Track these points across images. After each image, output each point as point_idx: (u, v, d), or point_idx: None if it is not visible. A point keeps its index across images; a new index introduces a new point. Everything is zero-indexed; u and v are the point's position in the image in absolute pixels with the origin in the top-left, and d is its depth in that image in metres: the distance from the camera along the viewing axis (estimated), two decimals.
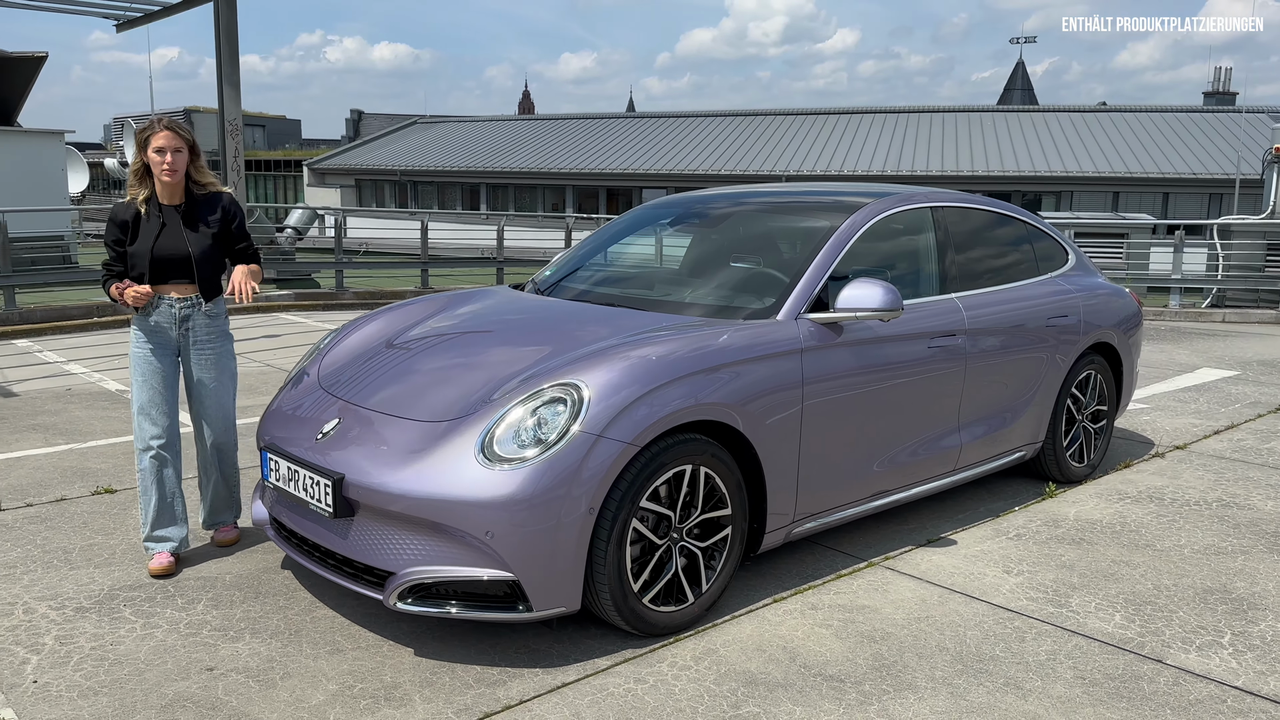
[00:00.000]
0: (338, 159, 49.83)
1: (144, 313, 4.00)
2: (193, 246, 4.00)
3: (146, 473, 4.04)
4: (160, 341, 4.03)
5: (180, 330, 4.04)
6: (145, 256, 3.95)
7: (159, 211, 4.00)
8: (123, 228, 4.00)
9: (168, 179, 3.94)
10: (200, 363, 4.10)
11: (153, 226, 3.98)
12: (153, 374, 4.02)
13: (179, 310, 4.03)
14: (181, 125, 3.95)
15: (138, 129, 3.97)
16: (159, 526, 4.06)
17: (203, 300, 4.07)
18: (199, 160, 4.07)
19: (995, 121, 41.01)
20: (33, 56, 16.00)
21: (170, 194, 4.02)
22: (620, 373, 3.34)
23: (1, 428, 6.33)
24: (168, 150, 3.90)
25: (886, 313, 3.85)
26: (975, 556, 4.28)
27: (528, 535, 3.13)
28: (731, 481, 3.60)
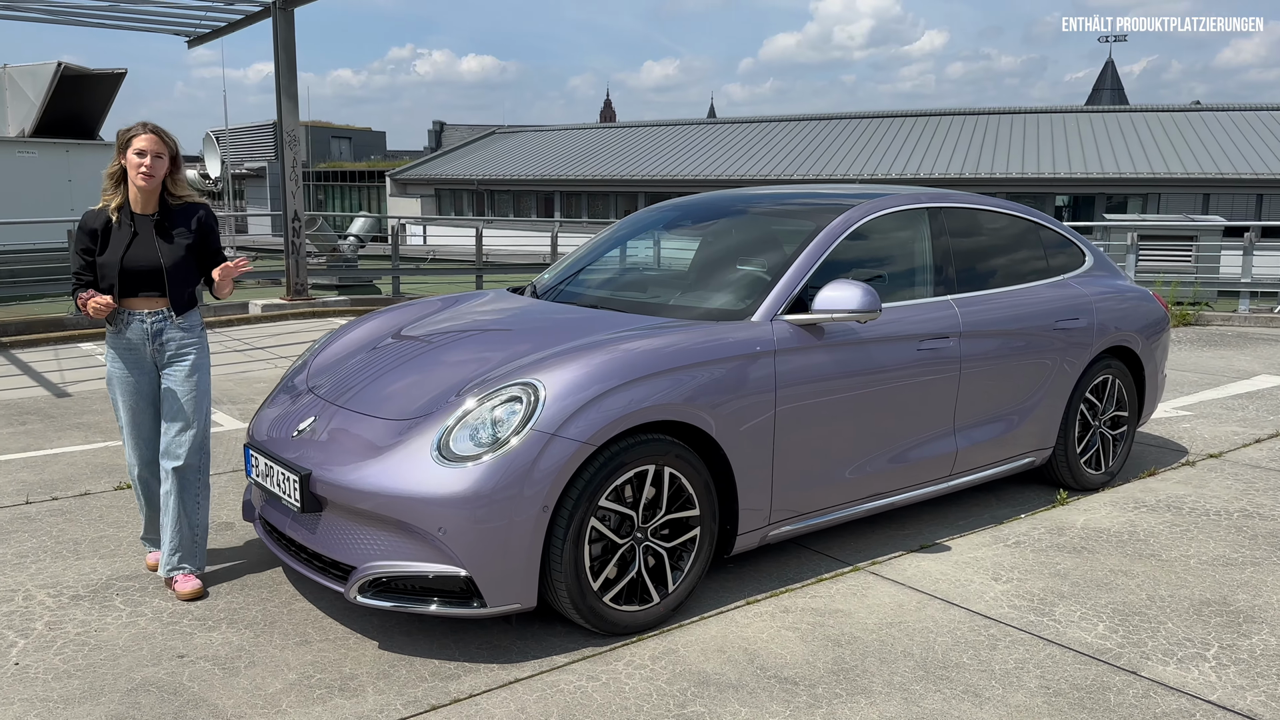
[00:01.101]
0: (418, 169, 50.85)
1: (116, 329, 3.84)
2: (165, 257, 3.80)
3: (137, 487, 4.06)
4: (134, 359, 3.87)
5: (154, 345, 3.86)
6: (115, 267, 3.76)
7: (131, 220, 3.80)
8: (92, 236, 3.80)
9: (142, 183, 3.75)
10: (172, 377, 3.89)
11: (123, 235, 3.78)
12: (130, 393, 3.89)
13: (150, 325, 3.84)
14: (166, 133, 3.81)
15: (120, 130, 3.83)
16: (151, 532, 4.13)
17: (174, 314, 3.87)
18: (179, 173, 3.88)
19: (1080, 122, 39.96)
20: (112, 73, 16.74)
21: (144, 202, 3.82)
22: (578, 373, 3.37)
23: (49, 426, 6.63)
24: (148, 154, 3.73)
25: (864, 314, 3.81)
26: (966, 563, 4.19)
27: (480, 532, 3.18)
28: (699, 482, 3.59)
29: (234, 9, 12.13)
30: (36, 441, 6.20)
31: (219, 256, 3.98)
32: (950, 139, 39.47)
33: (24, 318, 11.05)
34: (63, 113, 16.24)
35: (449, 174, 48.45)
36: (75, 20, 12.63)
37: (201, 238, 3.91)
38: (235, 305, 12.48)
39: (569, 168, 44.78)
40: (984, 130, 40.04)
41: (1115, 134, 38.11)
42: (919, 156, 37.88)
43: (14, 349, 10.05)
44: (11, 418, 6.84)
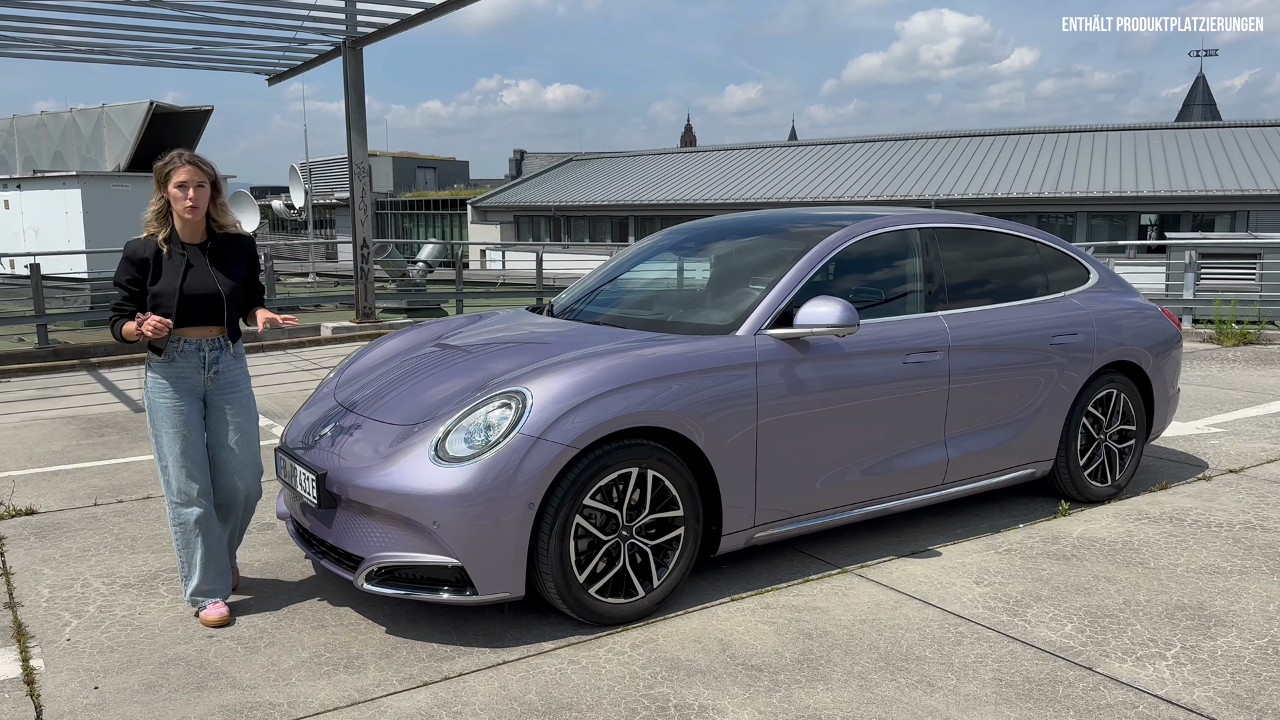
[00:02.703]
0: (498, 197, 52.05)
1: (167, 357, 3.75)
2: (222, 286, 3.79)
3: (189, 528, 3.80)
4: (186, 388, 3.78)
5: (208, 374, 3.81)
6: (173, 295, 3.69)
7: (182, 249, 3.76)
8: (141, 266, 3.72)
9: (189, 216, 3.70)
10: (230, 409, 3.86)
11: (177, 264, 3.73)
12: (183, 423, 3.76)
13: (207, 353, 3.80)
14: (203, 160, 3.73)
15: (157, 163, 3.76)
16: (208, 580, 3.86)
17: (229, 342, 3.87)
18: (220, 198, 3.83)
19: (1166, 139, 39.07)
20: (200, 111, 17.75)
21: (191, 232, 3.79)
22: (564, 382, 3.68)
23: (124, 438, 7.19)
24: (190, 185, 3.67)
25: (842, 328, 4.04)
26: (953, 568, 4.37)
27: (471, 526, 3.50)
28: (682, 485, 3.86)
29: (307, 49, 12.84)
30: (111, 451, 6.75)
31: (259, 289, 4.04)
32: (1032, 158, 38.96)
33: (111, 340, 11.82)
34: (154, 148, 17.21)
35: (527, 201, 49.49)
36: (164, 63, 13.52)
37: (249, 268, 3.93)
38: (308, 328, 13.14)
39: (644, 193, 45.36)
40: (1069, 148, 39.43)
41: (1203, 150, 37.18)
42: (999, 176, 37.48)
43: (102, 369, 10.79)
44: (92, 430, 7.43)
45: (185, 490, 3.79)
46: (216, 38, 12.15)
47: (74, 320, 12.96)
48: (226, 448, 3.90)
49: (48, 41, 12.29)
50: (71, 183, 16.41)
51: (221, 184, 3.89)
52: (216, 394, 3.86)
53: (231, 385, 3.89)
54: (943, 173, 38.97)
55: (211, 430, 3.89)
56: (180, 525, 3.82)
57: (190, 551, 3.84)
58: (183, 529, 3.82)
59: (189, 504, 3.81)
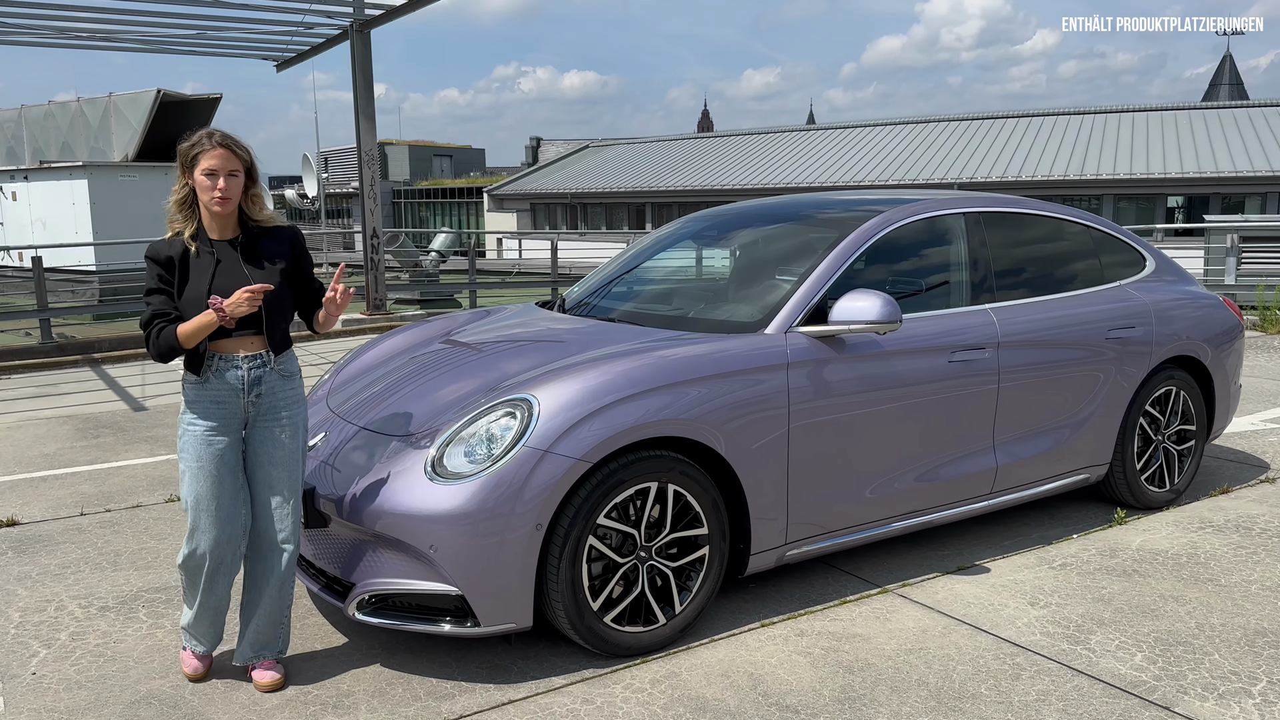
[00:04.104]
0: (515, 185, 51.64)
1: (201, 379, 3.11)
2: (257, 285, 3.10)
3: (193, 573, 3.21)
4: (223, 415, 3.13)
5: (249, 397, 3.15)
6: (199, 302, 3.05)
7: (210, 248, 3.13)
8: (167, 267, 3.10)
9: (218, 208, 3.07)
10: (274, 437, 3.20)
11: (205, 265, 3.10)
12: (211, 459, 3.11)
13: (247, 371, 3.14)
14: (238, 143, 3.10)
15: (182, 144, 3.11)
16: (198, 629, 3.32)
17: (272, 357, 3.19)
18: (256, 188, 3.18)
19: (1194, 120, 38.23)
20: (208, 98, 17.45)
21: (221, 227, 3.15)
22: (574, 388, 3.30)
23: (119, 439, 6.87)
24: (220, 173, 3.04)
25: (883, 325, 3.65)
26: (1004, 586, 3.98)
27: (472, 551, 3.13)
28: (707, 500, 3.49)
29: (314, 33, 12.49)
30: (104, 454, 6.43)
31: (315, 285, 3.34)
32: (1055, 139, 38.24)
33: (117, 334, 11.54)
34: (162, 137, 17.02)
35: (543, 188, 49.06)
36: (168, 49, 13.19)
37: (295, 262, 3.26)
38: None
39: (662, 179, 44.87)
40: (1092, 130, 38.68)
41: (1232, 131, 36.37)
42: (1022, 158, 36.80)
43: (104, 364, 10.50)
44: (87, 431, 7.12)
45: (197, 535, 3.15)
46: (220, 22, 11.81)
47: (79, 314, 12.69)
48: (269, 485, 3.23)
49: (49, 28, 11.98)
50: (78, 173, 16.14)
51: (257, 172, 3.20)
52: (260, 421, 3.19)
53: (276, 410, 3.20)
54: (965, 155, 38.31)
55: (252, 466, 3.22)
56: (183, 568, 3.23)
57: (191, 594, 3.27)
58: (185, 572, 3.23)
59: (197, 549, 3.17)
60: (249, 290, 3.00)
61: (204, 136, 3.08)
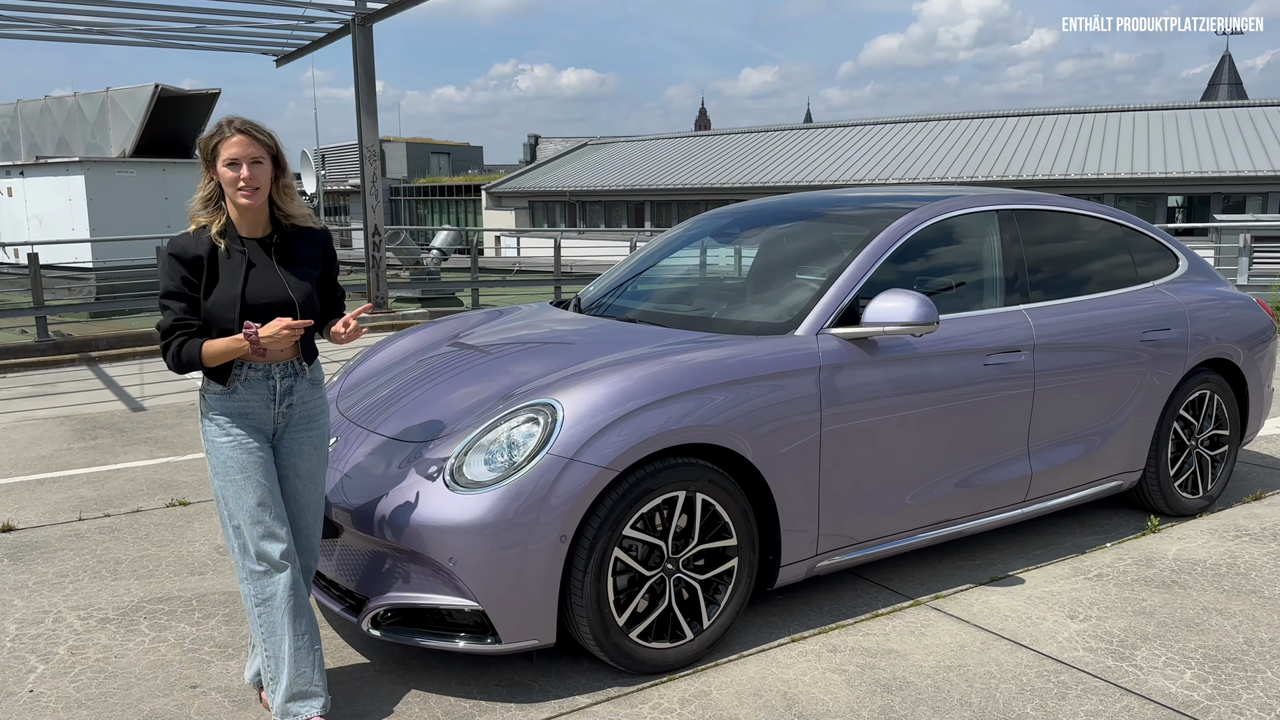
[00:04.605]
0: (513, 182, 51.45)
1: (228, 389, 2.83)
2: (295, 291, 2.87)
3: (276, 604, 2.82)
4: (253, 427, 2.87)
5: (280, 408, 2.90)
6: (232, 306, 2.78)
7: (241, 246, 2.85)
8: (194, 267, 2.78)
9: (246, 201, 2.79)
10: (304, 450, 2.97)
11: (236, 265, 2.82)
12: (256, 467, 2.83)
13: (280, 382, 2.89)
14: (260, 128, 2.82)
15: (202, 137, 2.85)
16: (305, 678, 2.86)
17: (305, 365, 2.97)
18: (286, 178, 2.91)
19: (1195, 119, 38.14)
20: (207, 94, 17.25)
21: (251, 223, 2.87)
22: (599, 393, 3.15)
23: (118, 441, 6.71)
24: (243, 162, 2.76)
25: (919, 326, 3.50)
26: (1040, 598, 3.83)
27: (492, 563, 2.98)
28: (736, 510, 3.33)
29: (315, 27, 12.31)
30: (103, 456, 6.27)
31: (339, 292, 3.13)
32: (1055, 139, 38.13)
33: (114, 332, 11.38)
34: (160, 133, 16.82)
35: (542, 186, 48.89)
36: (167, 43, 13.01)
37: (326, 268, 3.04)
38: None
39: (660, 177, 44.73)
40: (1092, 129, 38.57)
41: (1233, 130, 36.28)
42: (1022, 157, 36.68)
43: (102, 363, 10.34)
44: (85, 432, 6.95)
45: (266, 553, 2.81)
46: (220, 15, 11.63)
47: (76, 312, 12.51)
48: (297, 500, 2.99)
49: (47, 21, 11.79)
50: (75, 169, 15.94)
51: (285, 160, 2.92)
52: (289, 433, 2.95)
53: (307, 420, 2.97)
54: (964, 155, 38.19)
55: (280, 479, 2.95)
56: (264, 604, 2.82)
57: (277, 640, 2.82)
58: (267, 608, 2.82)
59: (273, 570, 2.82)
60: (289, 325, 2.73)
61: (222, 125, 2.81)
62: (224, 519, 2.86)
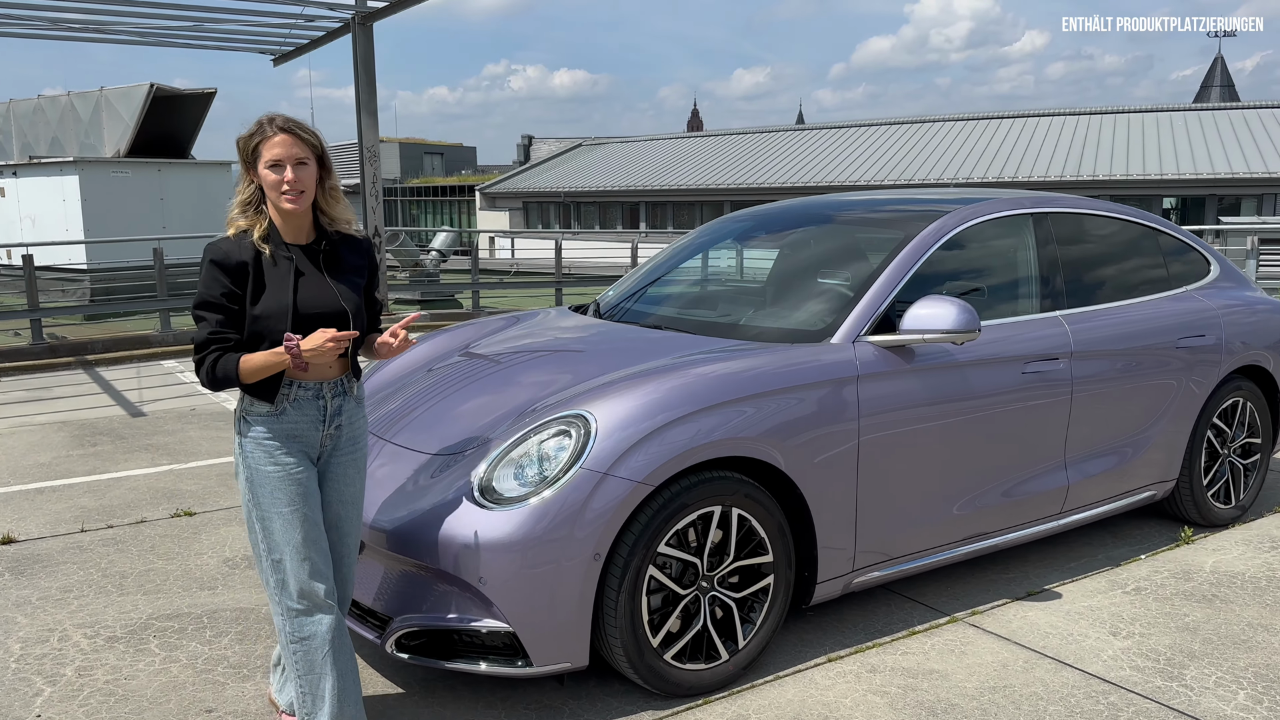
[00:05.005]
0: (507, 183, 51.24)
1: (276, 409, 2.61)
2: (347, 302, 2.68)
3: (316, 645, 2.64)
4: (300, 451, 2.65)
5: (329, 429, 2.69)
6: (284, 316, 2.56)
7: (287, 252, 2.64)
8: (238, 275, 2.56)
9: (291, 205, 2.58)
10: (349, 474, 2.77)
11: (283, 273, 2.60)
12: (303, 498, 2.63)
13: (329, 400, 2.68)
14: (304, 126, 2.62)
15: (241, 137, 2.64)
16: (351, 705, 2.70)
17: (354, 382, 2.78)
18: (331, 180, 2.70)
19: (1189, 121, 38.16)
20: (202, 93, 17.06)
21: (295, 228, 2.66)
22: (634, 403, 3.02)
23: (118, 447, 6.56)
24: (286, 163, 2.56)
25: (960, 334, 3.38)
26: (1080, 614, 3.72)
27: (525, 583, 2.85)
28: (772, 525, 3.21)
29: (315, 25, 12.14)
30: (104, 464, 6.12)
31: (378, 306, 2.92)
32: (1050, 141, 38.11)
33: (110, 335, 11.20)
34: (155, 133, 16.63)
35: (536, 187, 48.72)
36: (163, 42, 12.82)
37: (370, 278, 2.83)
38: None
39: (654, 178, 44.60)
40: (1085, 131, 38.56)
41: (1227, 132, 36.31)
42: (1018, 159, 36.63)
43: (99, 366, 10.17)
44: (84, 439, 6.80)
45: (309, 593, 2.62)
46: (218, 14, 11.45)
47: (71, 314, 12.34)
48: (336, 529, 2.78)
49: (41, 19, 11.60)
50: (69, 169, 15.74)
51: (330, 161, 2.70)
52: (336, 456, 2.74)
53: (353, 442, 2.78)
54: (958, 156, 38.14)
55: (322, 504, 2.73)
56: (303, 642, 2.64)
57: (316, 678, 2.65)
58: (306, 646, 2.64)
59: (315, 610, 2.64)
60: (334, 338, 2.51)
61: (263, 124, 2.59)
62: (259, 550, 2.66)
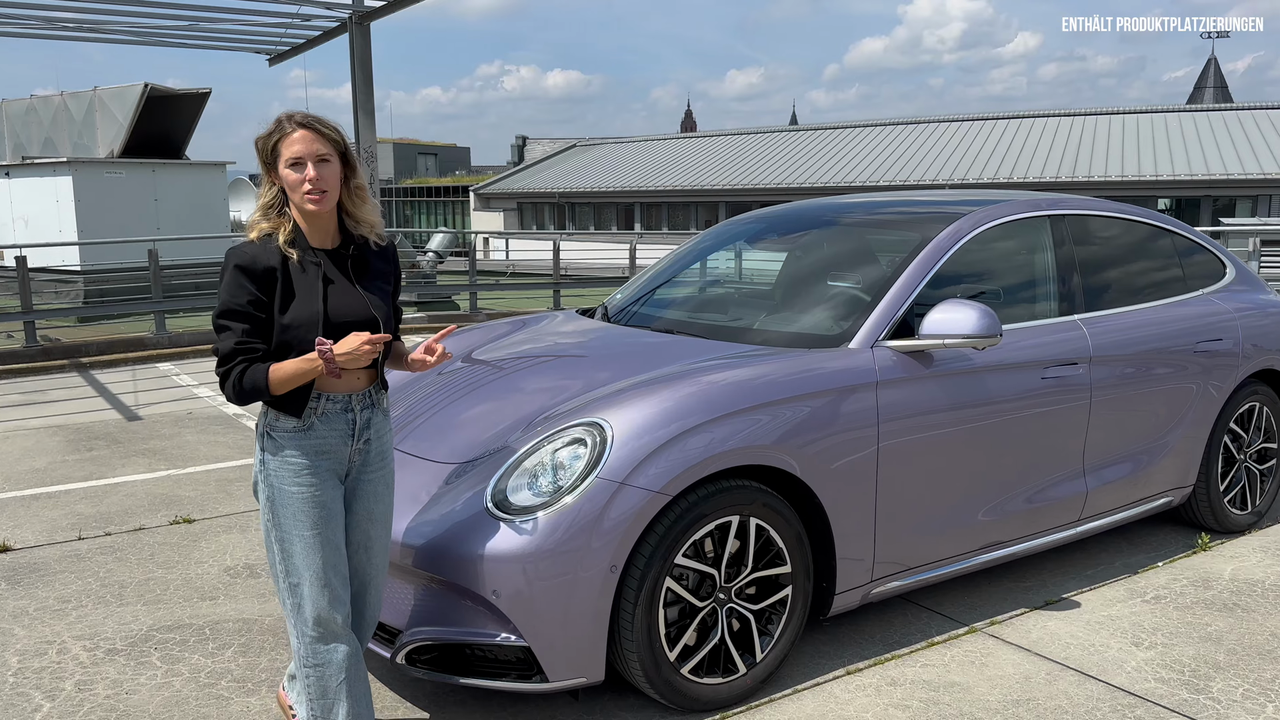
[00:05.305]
0: (501, 184, 51.08)
1: (304, 424, 2.47)
2: (377, 310, 2.55)
3: (331, 673, 2.54)
4: (327, 468, 2.52)
5: (356, 444, 2.56)
6: (314, 325, 2.43)
7: (315, 258, 2.50)
8: (265, 281, 2.42)
9: (314, 206, 2.44)
10: (379, 490, 2.65)
11: (311, 280, 2.47)
12: (325, 521, 2.50)
13: (358, 414, 2.55)
14: (324, 122, 2.48)
15: (259, 137, 2.51)
16: None
17: (383, 393, 2.66)
18: (357, 179, 2.55)
19: (1183, 122, 38.19)
20: (197, 93, 16.95)
21: (321, 232, 2.52)
22: (650, 411, 2.94)
23: (115, 452, 6.46)
24: (307, 160, 2.42)
25: (981, 339, 3.31)
26: (1100, 623, 3.65)
27: (539, 596, 2.77)
28: (790, 535, 3.14)
29: (311, 25, 12.07)
30: (100, 469, 6.02)
31: (399, 315, 2.77)
32: (1045, 142, 38.10)
33: (105, 337, 11.09)
34: (149, 133, 16.50)
35: (530, 187, 48.58)
36: (159, 41, 12.73)
37: (395, 285, 2.69)
38: None
39: (649, 179, 44.51)
40: (1080, 132, 38.56)
41: (1221, 133, 36.34)
42: (1013, 160, 36.60)
43: (93, 369, 10.06)
44: (79, 443, 6.71)
45: (327, 620, 2.51)
46: (215, 13, 11.37)
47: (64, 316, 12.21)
48: (365, 548, 2.65)
49: (35, 18, 11.50)
50: (62, 170, 15.61)
51: (356, 159, 2.56)
52: (365, 473, 2.61)
53: (382, 457, 2.64)
54: (953, 157, 38.11)
55: (350, 523, 2.62)
56: (318, 668, 2.54)
57: (329, 703, 2.56)
58: (320, 674, 2.54)
59: (331, 638, 2.53)
60: (369, 340, 2.38)
61: (281, 120, 2.46)
62: (276, 570, 2.54)
